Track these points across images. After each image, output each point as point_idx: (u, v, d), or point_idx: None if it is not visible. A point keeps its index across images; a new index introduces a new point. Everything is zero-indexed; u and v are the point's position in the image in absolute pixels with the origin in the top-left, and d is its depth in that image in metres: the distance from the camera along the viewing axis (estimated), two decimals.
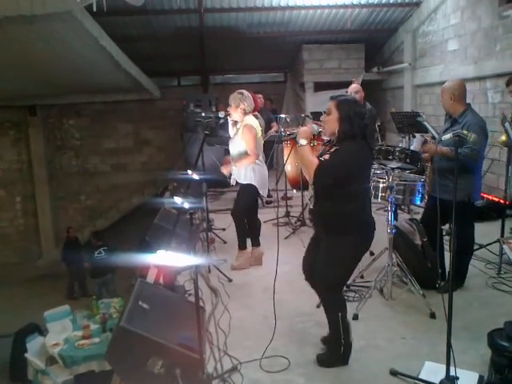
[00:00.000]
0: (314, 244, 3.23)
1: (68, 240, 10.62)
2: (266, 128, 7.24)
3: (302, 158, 3.00)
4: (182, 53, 10.80)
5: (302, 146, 2.97)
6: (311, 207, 3.11)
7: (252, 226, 5.05)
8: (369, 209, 3.13)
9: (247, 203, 4.88)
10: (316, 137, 3.11)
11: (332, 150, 2.99)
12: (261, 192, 4.84)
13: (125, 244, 9.02)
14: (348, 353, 3.14)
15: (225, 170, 4.90)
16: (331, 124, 2.95)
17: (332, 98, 3.03)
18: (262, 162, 4.81)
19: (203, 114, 5.70)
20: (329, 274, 3.00)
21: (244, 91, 4.78)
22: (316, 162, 2.91)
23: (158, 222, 5.21)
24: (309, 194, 5.60)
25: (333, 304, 3.09)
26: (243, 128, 4.67)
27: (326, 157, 2.97)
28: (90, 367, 5.18)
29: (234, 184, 4.95)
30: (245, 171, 4.74)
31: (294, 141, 3.21)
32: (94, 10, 5.30)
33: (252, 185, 4.74)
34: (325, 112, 3.05)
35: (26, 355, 5.55)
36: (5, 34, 5.74)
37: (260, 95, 7.83)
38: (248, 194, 4.81)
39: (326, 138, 3.12)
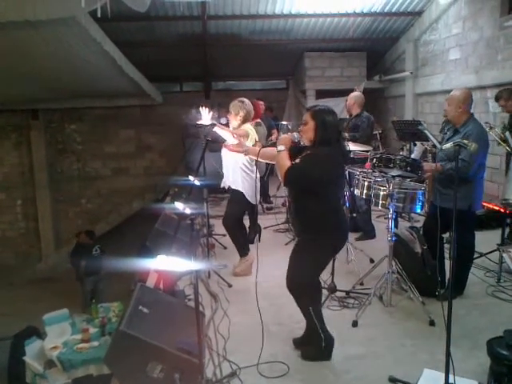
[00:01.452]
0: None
1: (78, 245, 10.64)
2: (267, 135, 7.26)
3: (277, 162, 3.17)
4: (184, 59, 10.85)
5: (280, 151, 3.15)
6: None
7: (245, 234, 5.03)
8: (341, 211, 3.36)
9: (236, 212, 4.81)
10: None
11: (304, 154, 3.13)
12: (249, 199, 4.69)
13: (125, 248, 9.02)
14: (330, 348, 3.24)
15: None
16: (308, 133, 3.13)
17: (307, 109, 3.24)
18: (250, 171, 4.64)
19: None
20: (298, 273, 3.16)
21: (245, 99, 4.77)
22: (288, 164, 3.07)
23: (159, 226, 5.21)
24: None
25: (302, 300, 3.21)
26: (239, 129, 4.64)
27: (298, 161, 3.10)
28: (89, 371, 5.16)
29: (225, 187, 4.88)
30: (233, 176, 4.66)
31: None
32: (99, 15, 5.34)
33: (241, 191, 4.66)
34: (302, 123, 3.20)
35: (25, 358, 5.54)
36: (9, 39, 5.78)
37: (261, 102, 7.86)
38: (238, 201, 4.74)
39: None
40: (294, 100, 12.45)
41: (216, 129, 4.44)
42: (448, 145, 3.04)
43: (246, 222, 5.31)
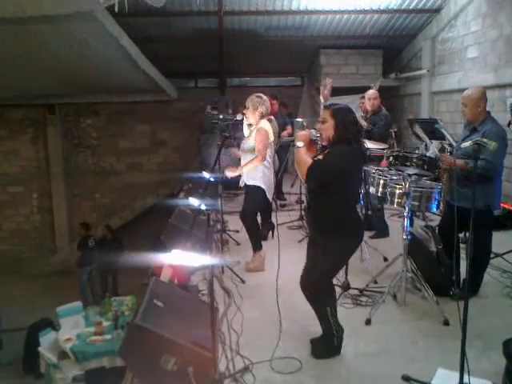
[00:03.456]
0: (310, 250, 3.38)
1: (102, 239, 10.80)
2: (280, 131, 7.24)
3: (297, 158, 3.16)
4: (200, 54, 10.86)
5: (298, 147, 3.16)
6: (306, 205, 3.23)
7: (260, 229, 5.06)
8: (357, 212, 3.37)
9: (254, 206, 4.88)
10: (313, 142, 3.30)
11: (325, 151, 3.15)
12: (268, 195, 4.80)
13: (138, 243, 9.09)
14: (340, 343, 3.25)
15: (228, 173, 4.83)
16: (327, 131, 3.12)
17: (326, 107, 3.21)
18: (270, 166, 4.77)
19: (221, 117, 5.73)
20: (315, 274, 3.18)
21: (262, 95, 4.81)
22: (310, 161, 3.07)
23: (173, 221, 5.23)
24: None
25: (318, 301, 3.23)
26: (256, 131, 4.69)
27: (320, 157, 3.12)
28: (101, 363, 5.25)
29: (242, 185, 4.95)
30: (254, 173, 4.73)
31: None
32: (116, 10, 5.37)
33: (260, 187, 4.73)
34: (320, 121, 3.20)
35: (39, 349, 5.64)
36: (27, 34, 5.84)
37: (274, 101, 7.82)
38: (255, 196, 4.80)
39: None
40: (309, 97, 12.40)
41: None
42: (467, 143, 3.01)
43: (258, 219, 5.31)
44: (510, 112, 5.59)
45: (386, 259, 4.90)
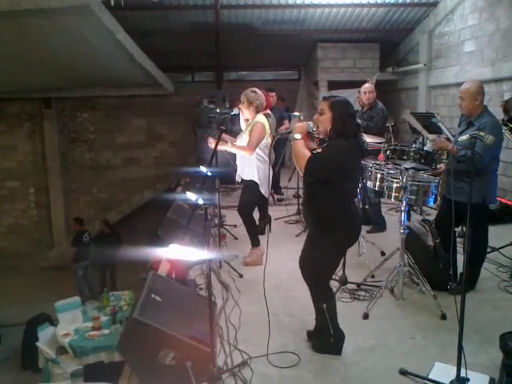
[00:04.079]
0: (308, 242, 3.35)
1: (100, 234, 10.80)
2: (278, 125, 7.24)
3: (295, 151, 3.11)
4: (196, 49, 10.82)
5: (296, 139, 3.11)
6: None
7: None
8: (355, 207, 3.32)
9: (251, 200, 4.88)
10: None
11: (324, 145, 3.11)
12: (261, 190, 4.78)
13: (135, 238, 9.08)
14: (339, 344, 3.22)
15: (210, 143, 4.77)
16: (325, 124, 3.07)
17: (325, 99, 3.15)
18: (266, 162, 4.72)
19: (218, 110, 5.72)
20: (312, 268, 3.17)
21: (257, 89, 4.79)
22: (308, 154, 3.03)
23: (171, 216, 5.23)
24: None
25: (317, 296, 3.21)
26: (253, 125, 4.67)
27: (319, 150, 3.10)
28: (99, 358, 5.23)
29: (239, 181, 4.96)
30: (248, 168, 4.74)
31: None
32: (112, 4, 5.35)
33: (254, 181, 4.73)
34: (318, 112, 3.16)
35: (37, 344, 5.63)
36: (23, 27, 5.80)
37: (273, 93, 7.81)
38: (251, 190, 4.80)
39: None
40: (306, 91, 12.38)
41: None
42: (464, 137, 3.01)
43: (256, 214, 5.32)
44: (502, 110, 5.58)
45: (383, 253, 4.91)
